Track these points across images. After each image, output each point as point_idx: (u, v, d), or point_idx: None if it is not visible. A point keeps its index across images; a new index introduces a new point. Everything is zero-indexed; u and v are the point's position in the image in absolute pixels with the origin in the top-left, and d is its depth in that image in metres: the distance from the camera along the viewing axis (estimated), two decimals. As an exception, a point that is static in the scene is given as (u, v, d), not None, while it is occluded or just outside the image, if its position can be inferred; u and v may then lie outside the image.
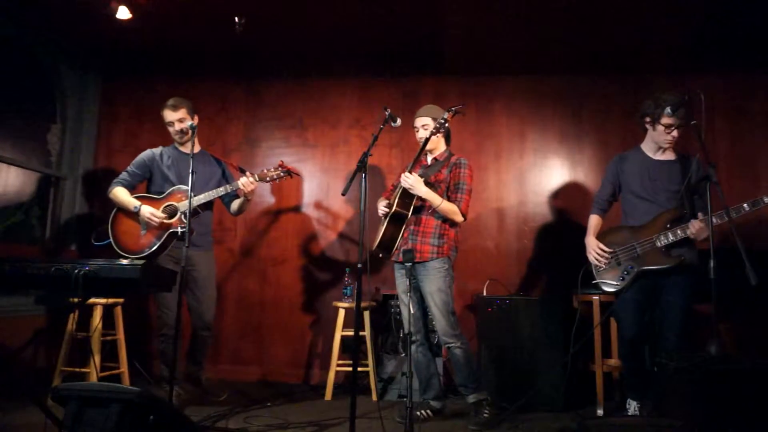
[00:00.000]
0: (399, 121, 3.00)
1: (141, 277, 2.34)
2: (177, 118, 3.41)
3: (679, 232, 2.81)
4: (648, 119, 2.97)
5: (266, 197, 4.47)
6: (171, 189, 3.35)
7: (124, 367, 3.66)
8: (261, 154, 4.53)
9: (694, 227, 2.76)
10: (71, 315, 3.45)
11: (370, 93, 4.49)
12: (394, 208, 3.06)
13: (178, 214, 3.25)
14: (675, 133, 2.91)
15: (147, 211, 3.24)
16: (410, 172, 3.06)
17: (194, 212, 3.29)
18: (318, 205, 4.42)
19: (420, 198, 3.08)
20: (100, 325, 3.48)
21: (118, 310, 3.68)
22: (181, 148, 3.51)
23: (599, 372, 3.37)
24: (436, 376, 3.30)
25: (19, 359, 3.64)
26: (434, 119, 3.17)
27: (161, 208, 3.30)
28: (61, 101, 4.42)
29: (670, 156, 3.01)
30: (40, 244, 4.27)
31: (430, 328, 3.37)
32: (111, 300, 3.58)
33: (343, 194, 2.77)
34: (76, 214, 4.47)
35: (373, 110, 4.44)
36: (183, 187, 3.32)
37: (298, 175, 3.48)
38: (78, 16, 3.77)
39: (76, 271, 2.33)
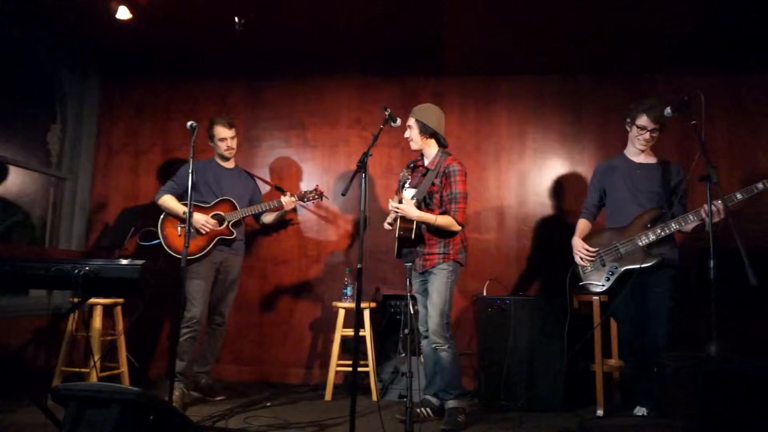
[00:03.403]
0: (399, 121, 3.00)
1: (141, 277, 2.34)
2: (231, 135, 3.70)
3: (659, 230, 2.90)
4: (628, 120, 3.12)
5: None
6: (217, 200, 3.64)
7: (124, 367, 3.67)
8: (261, 154, 4.53)
9: (715, 206, 2.65)
10: (71, 315, 3.46)
11: (370, 93, 4.49)
12: (397, 233, 3.12)
13: (225, 222, 3.58)
14: (647, 135, 3.04)
15: (200, 219, 3.52)
16: (403, 190, 3.14)
17: (239, 222, 3.71)
18: (318, 205, 4.41)
19: None
20: (100, 325, 3.48)
21: (118, 310, 3.69)
22: (223, 163, 3.77)
23: (599, 372, 3.37)
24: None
25: (19, 359, 3.64)
26: (417, 120, 3.23)
27: (209, 217, 3.57)
28: (61, 101, 4.42)
29: (651, 160, 3.14)
30: (40, 244, 4.27)
31: None
32: (111, 300, 3.59)
33: (343, 194, 2.77)
34: (76, 214, 4.46)
35: (373, 110, 4.44)
36: (230, 198, 3.65)
37: (327, 198, 3.96)
38: (78, 16, 3.77)
39: (76, 271, 2.33)
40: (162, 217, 3.62)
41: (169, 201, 3.61)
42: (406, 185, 3.21)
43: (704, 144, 2.56)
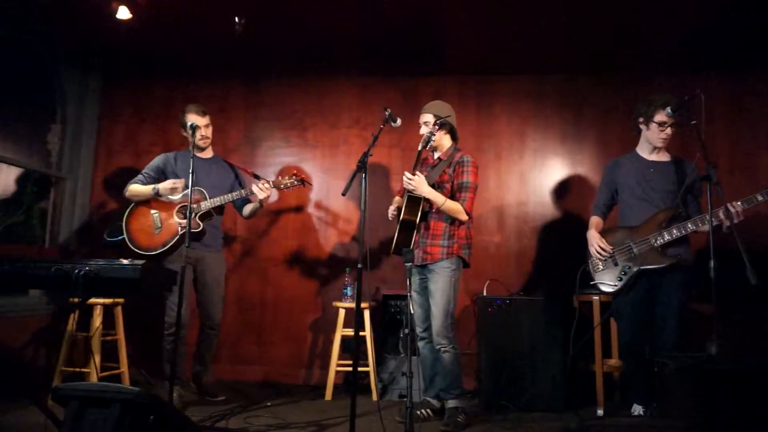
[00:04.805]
0: (399, 121, 3.00)
1: (141, 277, 2.34)
2: (204, 123, 3.52)
3: (675, 231, 2.84)
4: (641, 119, 3.04)
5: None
6: (186, 191, 3.36)
7: (124, 367, 3.67)
8: (261, 154, 4.53)
9: (735, 208, 2.67)
10: (71, 315, 3.46)
11: (370, 93, 4.49)
12: (402, 216, 3.07)
13: (193, 215, 3.30)
14: (668, 130, 2.97)
15: (167, 184, 3.33)
16: (413, 173, 3.04)
17: (208, 215, 3.41)
18: (318, 205, 4.42)
19: (426, 201, 3.08)
20: (100, 325, 3.48)
21: (118, 310, 3.68)
22: (198, 153, 3.55)
23: (599, 372, 3.37)
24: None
25: (19, 359, 3.64)
26: (435, 116, 3.20)
27: (176, 209, 3.39)
28: (61, 101, 4.42)
29: (664, 157, 3.06)
30: (41, 244, 4.27)
31: None
32: (111, 300, 3.59)
33: (343, 194, 2.77)
34: (76, 214, 4.47)
35: (373, 110, 4.44)
36: (200, 189, 3.39)
37: (310, 184, 3.61)
38: (78, 16, 3.77)
39: (76, 271, 2.33)
40: (128, 210, 3.41)
41: (136, 188, 3.42)
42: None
43: (704, 144, 2.56)
